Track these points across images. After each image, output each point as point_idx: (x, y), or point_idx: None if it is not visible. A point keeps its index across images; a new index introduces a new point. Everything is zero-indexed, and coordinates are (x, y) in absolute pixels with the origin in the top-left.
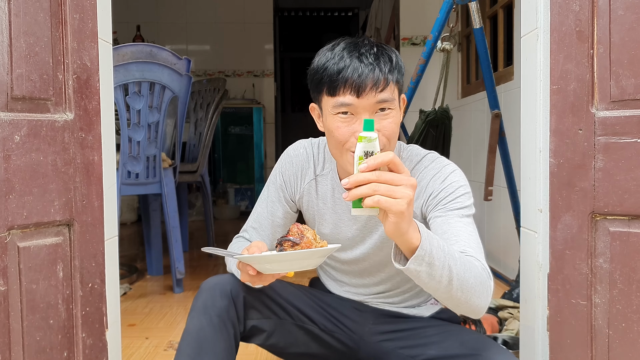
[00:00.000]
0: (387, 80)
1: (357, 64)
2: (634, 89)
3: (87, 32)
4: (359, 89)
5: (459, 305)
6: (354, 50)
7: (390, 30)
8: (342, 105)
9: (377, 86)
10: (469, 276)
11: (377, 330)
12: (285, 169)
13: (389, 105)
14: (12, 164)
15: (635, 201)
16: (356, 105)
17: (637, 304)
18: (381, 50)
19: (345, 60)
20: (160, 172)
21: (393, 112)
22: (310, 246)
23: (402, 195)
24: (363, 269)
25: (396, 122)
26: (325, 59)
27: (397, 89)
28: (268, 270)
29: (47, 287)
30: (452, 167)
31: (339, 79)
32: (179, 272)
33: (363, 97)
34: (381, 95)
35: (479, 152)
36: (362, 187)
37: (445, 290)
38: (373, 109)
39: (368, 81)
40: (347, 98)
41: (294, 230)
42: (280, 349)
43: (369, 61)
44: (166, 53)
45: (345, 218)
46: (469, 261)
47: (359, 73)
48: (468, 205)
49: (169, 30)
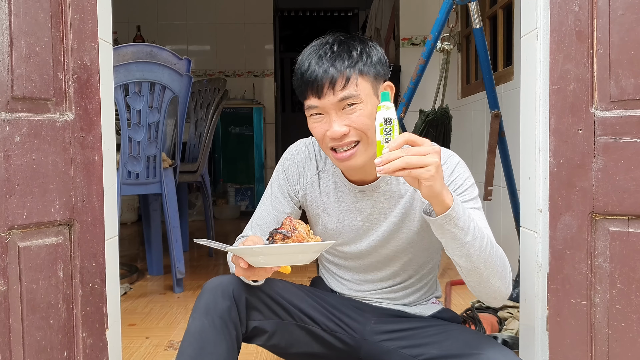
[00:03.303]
0: (347, 77)
1: (314, 66)
2: (633, 89)
3: (88, 32)
4: (317, 91)
5: (481, 282)
6: (314, 53)
7: (390, 30)
8: (310, 107)
9: (334, 84)
10: (493, 253)
11: (378, 330)
12: (288, 166)
13: (354, 99)
14: (13, 164)
15: (634, 201)
16: (321, 106)
17: (636, 303)
18: (343, 47)
19: (305, 64)
20: (161, 172)
21: (361, 105)
22: (302, 240)
23: (429, 162)
24: (369, 263)
25: (366, 114)
26: (298, 62)
27: (367, 80)
28: (260, 264)
29: (48, 287)
30: (456, 157)
31: (302, 83)
32: (179, 271)
33: (324, 98)
34: (341, 93)
35: (479, 152)
36: (396, 162)
37: (471, 258)
38: (338, 107)
39: (324, 82)
40: (311, 101)
41: (286, 223)
42: (282, 349)
43: (323, 61)
44: (166, 53)
45: (349, 211)
46: (494, 242)
47: (315, 75)
48: (475, 196)
49: (169, 30)
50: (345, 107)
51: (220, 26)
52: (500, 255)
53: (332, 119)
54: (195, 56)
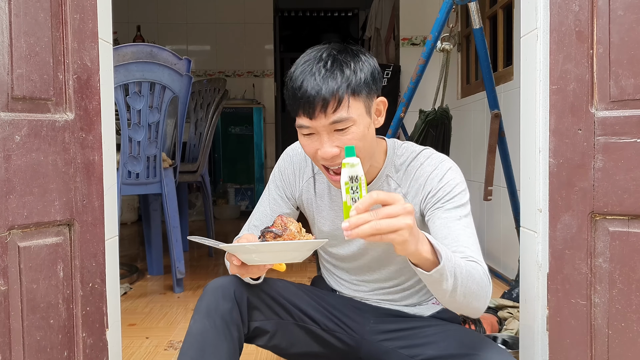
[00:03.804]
0: (339, 98)
1: (307, 85)
2: (633, 89)
3: (88, 32)
4: (310, 112)
5: (459, 308)
6: (308, 70)
7: (390, 30)
8: (302, 126)
9: (326, 107)
10: (472, 283)
11: (377, 330)
12: (284, 168)
13: (344, 123)
14: (13, 164)
15: (634, 201)
16: (312, 126)
17: (636, 303)
18: (336, 64)
19: (298, 80)
20: (161, 172)
21: (353, 127)
22: (293, 238)
23: (401, 225)
24: (362, 265)
25: (358, 136)
26: (289, 76)
27: (360, 99)
28: (253, 261)
29: (48, 287)
30: (448, 163)
31: (293, 102)
32: (179, 271)
33: (315, 120)
34: (333, 116)
35: (479, 152)
36: (364, 227)
37: (450, 295)
38: (329, 129)
39: (316, 104)
40: (302, 120)
41: (277, 221)
42: (282, 349)
43: (317, 81)
44: (166, 53)
45: (342, 213)
46: (473, 268)
47: (307, 95)
48: (465, 202)
49: (169, 30)
50: (336, 129)
51: (220, 26)
52: (478, 279)
53: (323, 139)
54: (195, 56)
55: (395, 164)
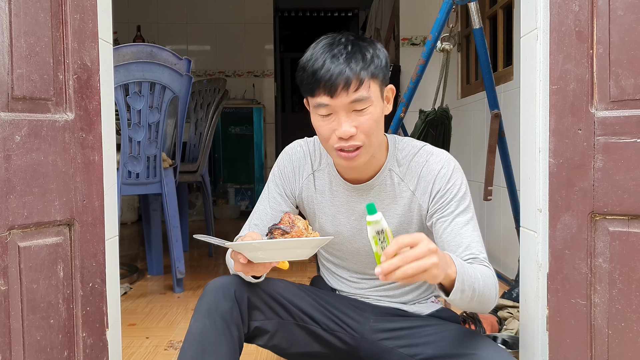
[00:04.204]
0: (360, 79)
1: (329, 65)
2: (633, 89)
3: (88, 32)
4: (331, 90)
5: (472, 309)
6: (328, 51)
7: (390, 30)
8: (320, 105)
9: (349, 85)
10: (486, 291)
11: (377, 329)
12: (284, 166)
13: (364, 103)
14: (13, 164)
15: (634, 201)
16: (332, 105)
17: (636, 303)
18: (356, 48)
19: (319, 61)
20: (161, 172)
21: (370, 108)
22: (301, 235)
23: (428, 266)
24: (365, 262)
25: (374, 118)
26: (305, 59)
27: (377, 83)
28: (259, 259)
29: (48, 287)
30: (452, 162)
31: (314, 81)
32: (179, 271)
33: (336, 98)
34: (355, 94)
35: (479, 152)
36: (397, 273)
37: (467, 304)
38: (348, 108)
39: (339, 82)
40: (322, 99)
41: (285, 219)
42: (282, 349)
43: (340, 62)
44: (166, 53)
45: (343, 209)
46: (487, 276)
47: (330, 74)
48: (469, 203)
49: (169, 30)
50: (355, 109)
51: (220, 26)
52: (490, 285)
53: (341, 119)
54: (195, 56)
55: (397, 158)
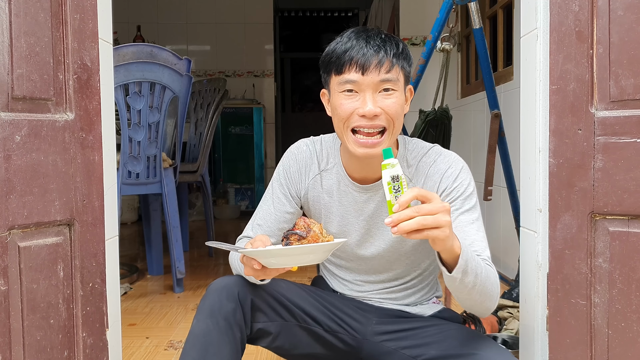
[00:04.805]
0: (392, 63)
1: (363, 44)
2: (633, 89)
3: (88, 32)
4: (364, 67)
5: (473, 305)
6: (362, 34)
7: (390, 30)
8: (347, 82)
9: (382, 65)
10: (488, 283)
11: (379, 330)
12: (289, 166)
13: (393, 85)
14: (13, 164)
15: (634, 201)
16: (360, 82)
17: (636, 303)
18: (389, 37)
19: (352, 41)
20: (161, 172)
21: (397, 93)
22: (317, 240)
23: (443, 222)
24: (371, 266)
25: (399, 104)
26: (334, 43)
27: (403, 75)
28: (273, 265)
29: (48, 287)
30: (460, 162)
31: (345, 57)
32: (179, 271)
33: (367, 75)
34: (385, 75)
35: (479, 152)
36: (410, 222)
37: (468, 292)
38: (377, 87)
39: (373, 59)
40: (352, 75)
41: (300, 224)
42: (285, 350)
43: (375, 42)
44: (166, 53)
45: (352, 210)
46: (489, 271)
47: (364, 52)
48: (475, 203)
49: (169, 30)
50: (381, 91)
51: (220, 26)
52: (493, 280)
53: (367, 97)
54: (195, 56)
55: (407, 159)
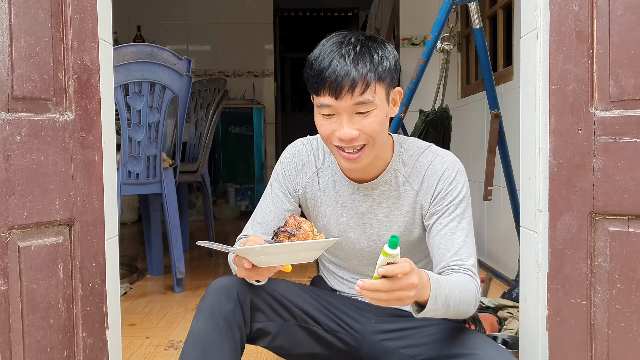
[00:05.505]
0: (367, 81)
1: (336, 65)
2: (633, 89)
3: (88, 32)
4: (336, 91)
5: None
6: (337, 50)
7: (390, 30)
8: (324, 105)
9: (354, 88)
10: (462, 304)
11: (379, 329)
12: (287, 164)
13: (368, 107)
14: (13, 164)
15: (634, 201)
16: (336, 106)
17: (636, 303)
18: (365, 49)
19: (326, 60)
20: (161, 172)
21: (375, 112)
22: (307, 238)
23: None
24: (367, 263)
25: (377, 121)
26: (314, 56)
27: (383, 86)
28: (264, 263)
29: (48, 287)
30: (457, 165)
31: (319, 80)
32: (179, 271)
33: (340, 100)
34: (360, 97)
35: (479, 152)
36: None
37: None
38: (351, 110)
39: (344, 84)
40: (326, 99)
41: (290, 221)
42: (284, 350)
43: (347, 62)
44: (166, 53)
45: (347, 208)
46: (465, 288)
47: (335, 75)
48: (464, 210)
49: (169, 30)
50: (358, 111)
51: (220, 26)
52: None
53: (343, 121)
54: (195, 56)
55: (402, 158)
